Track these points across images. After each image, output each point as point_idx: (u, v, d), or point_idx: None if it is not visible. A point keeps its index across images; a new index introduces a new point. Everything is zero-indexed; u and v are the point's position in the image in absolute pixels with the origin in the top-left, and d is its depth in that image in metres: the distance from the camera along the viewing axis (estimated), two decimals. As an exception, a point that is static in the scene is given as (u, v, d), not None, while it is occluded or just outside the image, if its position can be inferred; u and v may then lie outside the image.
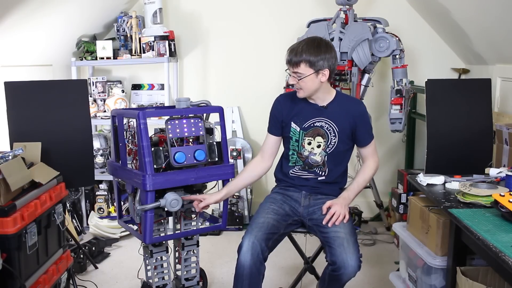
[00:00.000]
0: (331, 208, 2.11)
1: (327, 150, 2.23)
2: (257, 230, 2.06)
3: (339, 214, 2.09)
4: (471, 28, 3.19)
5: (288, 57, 2.13)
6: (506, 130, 2.61)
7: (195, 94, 3.93)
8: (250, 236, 2.04)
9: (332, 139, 2.22)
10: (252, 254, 2.00)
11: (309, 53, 2.09)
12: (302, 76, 2.11)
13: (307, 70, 2.10)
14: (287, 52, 2.15)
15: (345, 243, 2.00)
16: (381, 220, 3.82)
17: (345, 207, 2.12)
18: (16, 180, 2.03)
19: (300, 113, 2.25)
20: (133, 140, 2.23)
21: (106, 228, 3.54)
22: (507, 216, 1.69)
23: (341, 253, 1.98)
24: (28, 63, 3.37)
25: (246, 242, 2.03)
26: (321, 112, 2.23)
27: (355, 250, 2.00)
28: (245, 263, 2.00)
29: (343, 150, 2.25)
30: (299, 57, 2.09)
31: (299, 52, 2.10)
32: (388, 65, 3.43)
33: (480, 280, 1.81)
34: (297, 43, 2.16)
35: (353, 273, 1.98)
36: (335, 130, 2.21)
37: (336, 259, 1.98)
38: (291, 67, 2.13)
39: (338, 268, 1.97)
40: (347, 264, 1.96)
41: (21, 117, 2.70)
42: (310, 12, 3.67)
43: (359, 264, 1.99)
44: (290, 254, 2.92)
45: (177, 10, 4.03)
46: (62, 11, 3.30)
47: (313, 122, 2.23)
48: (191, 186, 2.27)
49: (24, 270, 2.03)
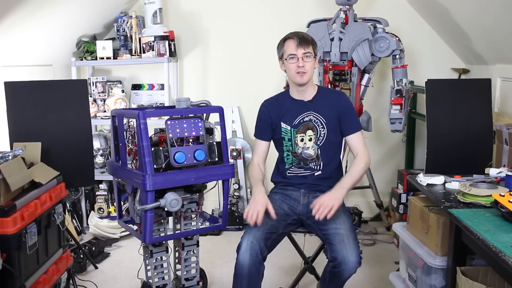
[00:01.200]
0: (318, 198, 2.06)
1: (318, 143, 2.27)
2: (256, 230, 2.06)
3: (326, 206, 2.00)
4: (471, 28, 3.19)
5: (297, 40, 2.20)
6: (506, 130, 2.61)
7: (195, 94, 3.93)
8: (249, 236, 2.04)
9: (321, 131, 2.26)
10: (251, 254, 2.00)
11: (311, 37, 2.24)
12: (311, 56, 2.20)
13: (313, 51, 2.22)
14: (288, 40, 2.23)
15: (345, 239, 2.01)
16: (381, 220, 3.82)
17: (334, 198, 2.04)
18: (16, 180, 2.03)
19: (288, 112, 2.30)
20: (133, 140, 2.23)
21: (106, 228, 3.55)
22: (507, 216, 1.69)
23: (341, 249, 1.99)
24: (28, 63, 3.37)
25: (245, 242, 2.03)
26: (308, 106, 2.28)
27: (356, 246, 2.01)
28: (244, 263, 2.00)
29: (334, 141, 2.29)
30: (308, 37, 2.23)
31: (304, 35, 2.23)
32: (388, 65, 3.43)
33: (480, 280, 1.81)
34: (291, 32, 2.27)
35: (354, 269, 1.98)
36: (323, 122, 2.26)
37: (336, 255, 1.98)
38: (302, 48, 2.19)
39: (338, 264, 1.97)
40: (348, 259, 1.96)
41: (21, 117, 2.70)
42: (310, 12, 3.67)
43: (359, 260, 1.99)
44: (289, 254, 2.92)
45: (177, 10, 4.03)
46: (62, 11, 3.30)
47: (302, 118, 2.28)
48: (191, 186, 2.27)
49: (24, 270, 2.03)
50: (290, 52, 2.21)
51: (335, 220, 2.10)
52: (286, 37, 2.25)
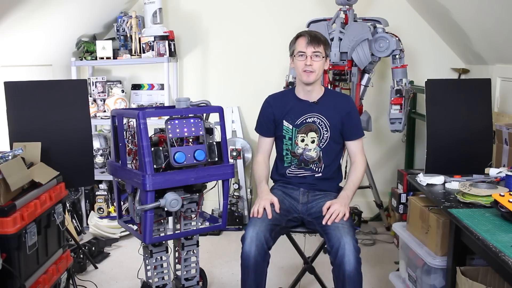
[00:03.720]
0: (331, 207, 2.12)
1: (320, 145, 2.27)
2: (261, 221, 2.08)
3: (339, 212, 2.09)
4: (471, 28, 3.19)
5: (308, 37, 2.20)
6: (506, 130, 2.61)
7: (195, 94, 3.93)
8: (254, 228, 2.05)
9: (324, 133, 2.26)
10: (256, 245, 2.01)
11: (324, 37, 2.23)
12: (321, 55, 2.19)
13: (324, 52, 2.22)
14: (300, 37, 2.22)
15: (340, 226, 2.04)
16: (381, 220, 3.82)
17: (344, 206, 2.13)
18: (16, 180, 2.03)
19: (291, 111, 2.30)
20: (133, 140, 2.23)
21: (106, 228, 3.55)
22: (507, 216, 1.69)
23: (336, 234, 2.01)
24: (28, 63, 3.37)
25: (249, 233, 2.04)
26: (313, 107, 2.28)
27: (351, 233, 2.02)
28: (250, 254, 2.01)
29: (336, 144, 2.29)
30: (320, 36, 2.22)
31: (317, 34, 2.23)
32: (388, 65, 3.43)
33: (480, 280, 1.81)
34: (304, 30, 2.27)
35: (353, 256, 1.95)
36: (327, 125, 2.26)
37: (333, 244, 2.00)
38: (312, 47, 2.19)
39: (336, 251, 1.97)
40: (343, 244, 1.96)
41: (21, 117, 2.70)
42: (310, 12, 3.67)
43: (355, 244, 1.98)
44: (289, 254, 2.92)
45: (177, 10, 4.03)
46: (62, 11, 3.30)
47: (305, 118, 2.28)
48: (191, 186, 2.27)
49: (24, 270, 2.02)
50: (299, 50, 2.21)
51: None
52: (299, 34, 2.26)
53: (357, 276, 1.97)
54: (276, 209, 2.15)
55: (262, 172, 2.34)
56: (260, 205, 2.14)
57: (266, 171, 2.36)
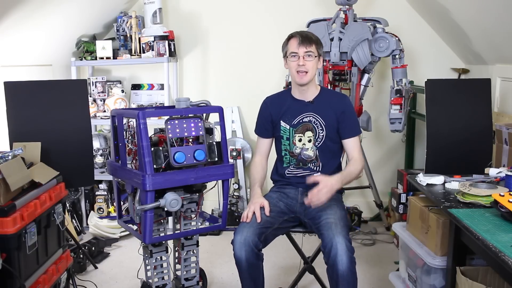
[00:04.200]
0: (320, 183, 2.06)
1: (316, 144, 2.28)
2: (249, 226, 2.10)
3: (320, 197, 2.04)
4: (471, 28, 3.19)
5: (299, 38, 2.20)
6: (506, 130, 2.61)
7: (195, 94, 3.93)
8: (242, 234, 2.07)
9: (319, 132, 2.27)
10: (246, 250, 2.03)
11: (315, 37, 2.23)
12: (313, 55, 2.19)
13: (316, 51, 2.21)
14: (292, 38, 2.23)
15: (333, 226, 2.04)
16: (380, 220, 3.82)
17: (330, 192, 2.06)
18: (16, 180, 2.03)
19: (288, 111, 2.31)
20: (133, 140, 2.23)
21: (106, 228, 3.55)
22: (507, 216, 1.69)
23: (328, 234, 2.01)
24: (28, 63, 3.37)
25: (237, 239, 2.07)
26: (308, 107, 2.29)
27: (343, 232, 2.01)
28: (241, 257, 2.04)
29: (333, 143, 2.29)
30: (312, 36, 2.22)
31: (308, 34, 2.23)
32: (388, 65, 3.43)
33: (480, 280, 1.81)
34: (296, 31, 2.27)
35: (346, 256, 1.94)
36: (322, 124, 2.26)
37: (326, 244, 2.00)
38: (303, 47, 2.19)
39: (328, 251, 1.97)
40: (336, 244, 1.95)
41: (21, 117, 2.70)
42: (310, 12, 3.67)
43: (348, 244, 1.97)
44: (289, 254, 2.92)
45: (177, 10, 4.03)
46: (62, 11, 3.30)
47: (301, 118, 2.29)
48: (191, 186, 2.27)
49: (23, 270, 2.02)
50: (292, 50, 2.22)
51: (327, 211, 2.14)
52: (290, 35, 2.26)
53: (350, 276, 1.97)
54: (266, 212, 2.16)
55: (257, 175, 2.35)
56: (250, 210, 2.15)
57: (262, 173, 2.37)
